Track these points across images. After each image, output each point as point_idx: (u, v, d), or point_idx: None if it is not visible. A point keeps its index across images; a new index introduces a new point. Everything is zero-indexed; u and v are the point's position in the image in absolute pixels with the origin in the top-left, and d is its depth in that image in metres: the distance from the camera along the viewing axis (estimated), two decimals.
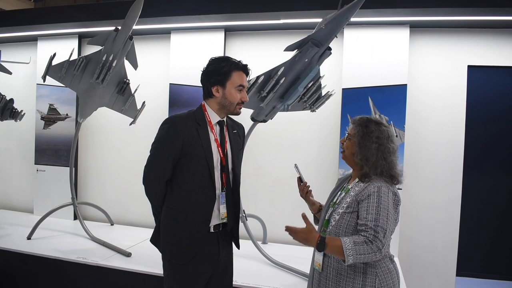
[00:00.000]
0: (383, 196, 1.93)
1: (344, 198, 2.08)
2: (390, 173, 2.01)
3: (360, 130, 2.06)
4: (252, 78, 3.15)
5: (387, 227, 1.88)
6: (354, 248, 1.82)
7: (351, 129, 2.11)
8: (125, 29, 3.38)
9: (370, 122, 2.07)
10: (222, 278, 2.40)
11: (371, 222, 1.87)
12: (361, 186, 2.02)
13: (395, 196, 2.00)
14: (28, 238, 4.05)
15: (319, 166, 4.32)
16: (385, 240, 1.88)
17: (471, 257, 4.39)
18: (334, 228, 2.04)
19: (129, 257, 3.66)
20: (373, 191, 1.94)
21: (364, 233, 1.87)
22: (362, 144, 2.03)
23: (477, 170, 4.34)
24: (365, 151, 2.01)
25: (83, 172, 5.20)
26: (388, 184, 1.99)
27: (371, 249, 1.83)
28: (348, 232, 1.97)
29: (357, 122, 2.10)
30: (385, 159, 2.00)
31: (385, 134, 2.03)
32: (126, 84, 3.83)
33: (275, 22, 4.15)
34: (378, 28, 4.03)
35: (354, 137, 2.07)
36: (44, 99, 5.09)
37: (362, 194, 1.97)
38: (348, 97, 4.08)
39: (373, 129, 2.03)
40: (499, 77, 4.30)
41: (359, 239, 1.85)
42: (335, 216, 2.06)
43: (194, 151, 2.21)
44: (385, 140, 2.02)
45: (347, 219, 1.99)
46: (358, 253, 1.82)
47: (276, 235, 4.34)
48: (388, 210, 1.91)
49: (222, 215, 2.30)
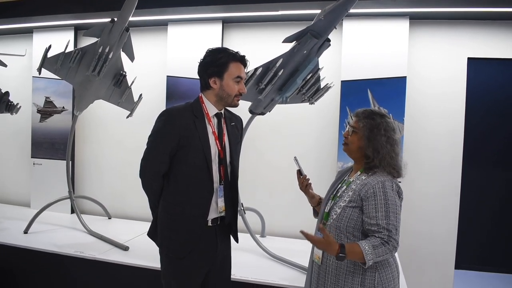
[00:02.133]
0: (389, 192, 1.93)
1: (345, 192, 2.07)
2: (397, 164, 2.02)
3: (367, 123, 2.04)
4: (250, 70, 3.12)
5: (398, 223, 1.91)
6: (373, 252, 1.84)
7: (355, 122, 2.09)
8: (121, 20, 3.34)
9: (376, 114, 2.07)
10: (220, 272, 2.38)
11: (382, 221, 1.88)
12: (363, 180, 2.02)
13: (399, 188, 2.00)
14: (25, 232, 4.03)
15: (318, 159, 4.30)
16: (398, 236, 1.90)
17: (470, 250, 4.40)
18: (335, 222, 2.03)
19: (126, 251, 3.64)
20: (377, 187, 1.94)
21: (378, 234, 1.88)
22: (371, 137, 2.02)
23: (476, 162, 4.35)
24: (375, 144, 2.01)
25: (80, 165, 5.17)
26: (390, 177, 1.99)
27: (388, 249, 1.86)
28: (349, 226, 1.97)
29: (362, 115, 2.09)
30: (394, 150, 2.01)
31: (391, 126, 2.05)
32: (122, 77, 3.79)
33: (273, 14, 4.11)
34: (378, 20, 3.99)
35: (361, 131, 2.05)
36: (40, 92, 5.05)
37: (366, 190, 1.96)
38: (347, 90, 4.05)
39: (380, 122, 2.03)
40: (499, 69, 4.29)
41: (376, 241, 1.86)
42: (336, 209, 2.04)
43: (191, 143, 2.19)
44: (392, 132, 2.04)
45: (349, 212, 1.99)
46: (378, 255, 1.85)
47: (274, 228, 4.34)
48: (396, 205, 1.92)
49: (220, 209, 2.27)
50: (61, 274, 3.53)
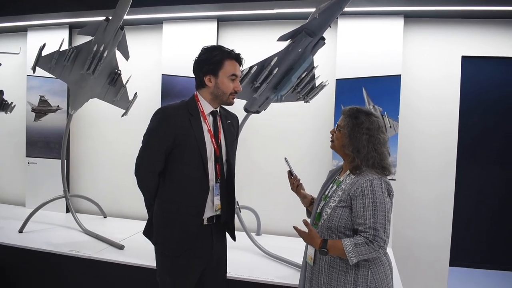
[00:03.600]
0: (377, 190, 1.92)
1: (335, 191, 2.07)
2: (382, 164, 1.99)
3: (350, 121, 2.03)
4: (245, 69, 3.12)
5: (386, 222, 1.89)
6: (355, 250, 1.85)
7: (341, 120, 2.09)
8: (116, 19, 3.32)
9: (360, 112, 2.04)
10: (215, 271, 2.38)
11: (369, 220, 1.87)
12: (352, 179, 2.01)
13: (388, 185, 1.98)
14: (20, 231, 4.01)
15: (312, 158, 4.31)
16: (386, 235, 1.88)
17: (464, 248, 4.42)
18: (326, 222, 2.03)
19: (122, 249, 3.64)
20: (366, 186, 1.92)
21: (364, 234, 1.87)
22: (352, 135, 2.00)
23: (471, 160, 4.37)
24: (355, 143, 1.99)
25: (75, 164, 5.15)
26: (379, 176, 1.98)
27: (373, 248, 1.86)
28: (340, 225, 1.97)
29: (347, 113, 2.08)
30: (376, 150, 1.99)
31: (375, 125, 2.01)
32: (117, 75, 3.77)
33: (268, 12, 4.11)
34: (372, 18, 3.99)
35: (344, 128, 2.04)
36: (35, 90, 5.03)
37: (355, 189, 1.95)
38: (341, 88, 4.06)
39: (363, 120, 2.01)
40: (493, 67, 4.31)
41: (360, 240, 1.87)
42: (327, 209, 2.05)
43: (186, 141, 2.18)
44: (376, 131, 2.00)
45: (339, 212, 1.98)
46: (360, 253, 1.86)
47: (270, 226, 4.34)
48: (385, 203, 1.91)
49: (216, 207, 2.27)
50: (56, 273, 3.52)
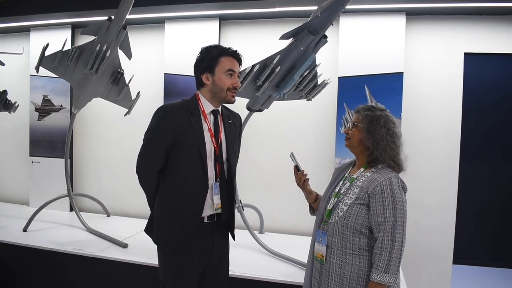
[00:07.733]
0: (396, 188, 1.95)
1: (350, 188, 2.07)
2: (398, 158, 2.05)
3: (367, 115, 2.08)
4: (247, 67, 3.12)
5: (404, 220, 1.93)
6: (386, 269, 1.87)
7: (356, 117, 2.13)
8: (118, 18, 3.33)
9: (375, 108, 2.12)
10: (217, 269, 2.39)
11: (390, 219, 1.91)
12: (368, 176, 2.03)
13: (404, 184, 2.03)
14: (24, 230, 4.04)
15: (315, 155, 4.31)
16: (404, 233, 1.92)
17: (467, 246, 4.41)
18: (342, 219, 2.03)
19: (125, 248, 3.65)
20: (385, 184, 1.96)
21: (382, 235, 1.91)
22: (371, 128, 2.05)
23: (474, 157, 4.35)
24: (375, 135, 2.04)
25: (79, 163, 5.17)
26: (395, 174, 2.02)
27: (396, 247, 1.89)
28: (357, 223, 1.98)
29: (362, 109, 2.14)
30: (394, 142, 2.04)
31: (390, 119, 2.09)
32: (120, 74, 3.78)
33: (270, 10, 4.11)
34: (374, 16, 3.99)
35: (361, 123, 2.09)
36: (38, 90, 5.05)
37: (373, 187, 1.97)
38: (344, 86, 4.06)
39: (380, 114, 2.07)
40: (496, 64, 4.29)
41: (375, 258, 1.90)
42: (343, 206, 2.05)
43: (186, 140, 2.19)
44: (392, 124, 2.07)
45: (357, 210, 2.00)
46: (395, 264, 1.89)
47: (272, 224, 4.35)
48: (403, 202, 1.95)
49: (216, 206, 2.27)
50: (60, 272, 3.54)
